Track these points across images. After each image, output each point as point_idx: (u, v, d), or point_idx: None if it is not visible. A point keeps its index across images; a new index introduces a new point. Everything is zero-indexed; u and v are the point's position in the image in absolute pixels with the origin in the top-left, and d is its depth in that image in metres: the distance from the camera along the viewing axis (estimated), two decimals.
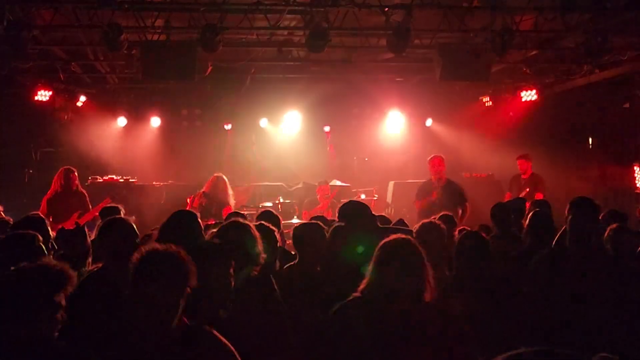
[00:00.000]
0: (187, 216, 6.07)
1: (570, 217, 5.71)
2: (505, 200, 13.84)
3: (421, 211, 11.83)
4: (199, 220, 6.02)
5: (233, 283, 4.68)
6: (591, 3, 10.93)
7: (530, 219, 7.36)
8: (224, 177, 12.33)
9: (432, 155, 12.73)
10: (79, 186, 12.23)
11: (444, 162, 12.50)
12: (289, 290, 5.63)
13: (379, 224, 7.16)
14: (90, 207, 11.90)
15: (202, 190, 12.43)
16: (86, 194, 12.36)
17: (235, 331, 4.24)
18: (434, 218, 6.95)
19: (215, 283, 4.51)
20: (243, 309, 4.84)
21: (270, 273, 5.50)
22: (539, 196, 13.02)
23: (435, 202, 11.80)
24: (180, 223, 5.84)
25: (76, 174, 12.10)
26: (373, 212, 7.35)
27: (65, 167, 12.30)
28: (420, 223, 6.60)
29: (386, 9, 10.58)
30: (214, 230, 5.77)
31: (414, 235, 5.97)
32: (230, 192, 12.24)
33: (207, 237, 5.68)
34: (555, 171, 16.28)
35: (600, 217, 7.69)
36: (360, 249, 5.73)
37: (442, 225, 6.50)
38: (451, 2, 10.97)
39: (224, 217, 11.81)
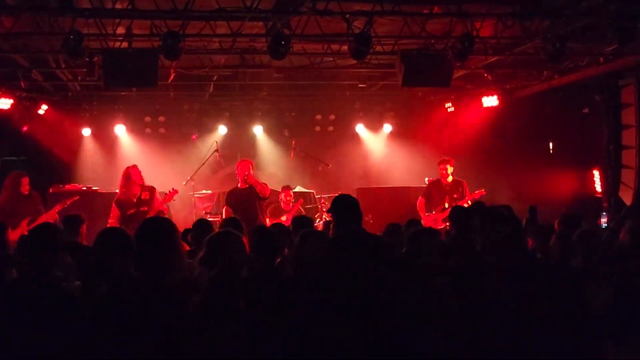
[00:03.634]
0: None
1: None
2: (418, 206, 13.85)
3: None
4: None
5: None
6: (550, 10, 11.10)
7: None
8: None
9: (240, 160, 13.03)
10: (31, 190, 11.85)
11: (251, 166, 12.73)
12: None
13: None
14: (44, 211, 11.68)
15: None
16: (39, 197, 12.05)
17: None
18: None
19: None
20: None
21: (237, 279, 5.53)
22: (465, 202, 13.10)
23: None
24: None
25: (26, 178, 11.77)
26: None
27: (15, 171, 12.08)
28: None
29: (347, 15, 10.66)
30: None
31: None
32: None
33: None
34: (516, 176, 16.48)
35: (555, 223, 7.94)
36: None
37: None
38: (412, 9, 11.05)
39: None
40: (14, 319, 4.89)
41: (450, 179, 13.81)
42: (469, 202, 13.24)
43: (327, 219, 11.02)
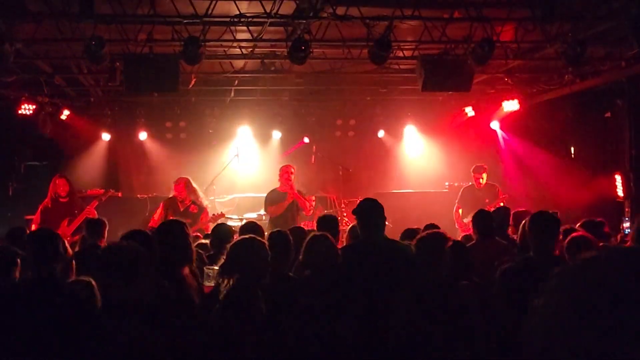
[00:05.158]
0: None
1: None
2: (454, 214, 13.82)
3: (274, 217, 12.44)
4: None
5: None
6: (570, 13, 11.06)
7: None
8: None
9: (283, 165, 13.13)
10: (71, 193, 12.21)
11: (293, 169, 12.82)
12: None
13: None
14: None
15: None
16: (78, 200, 12.36)
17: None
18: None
19: None
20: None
21: (258, 285, 5.55)
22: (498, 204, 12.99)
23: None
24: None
25: (64, 179, 12.14)
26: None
27: (57, 174, 12.44)
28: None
29: (367, 20, 10.67)
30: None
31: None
32: None
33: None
34: (538, 180, 16.39)
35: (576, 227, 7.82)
36: None
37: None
38: (432, 14, 11.05)
39: None
40: (19, 320, 4.95)
41: (483, 184, 13.89)
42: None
43: (351, 224, 10.97)
